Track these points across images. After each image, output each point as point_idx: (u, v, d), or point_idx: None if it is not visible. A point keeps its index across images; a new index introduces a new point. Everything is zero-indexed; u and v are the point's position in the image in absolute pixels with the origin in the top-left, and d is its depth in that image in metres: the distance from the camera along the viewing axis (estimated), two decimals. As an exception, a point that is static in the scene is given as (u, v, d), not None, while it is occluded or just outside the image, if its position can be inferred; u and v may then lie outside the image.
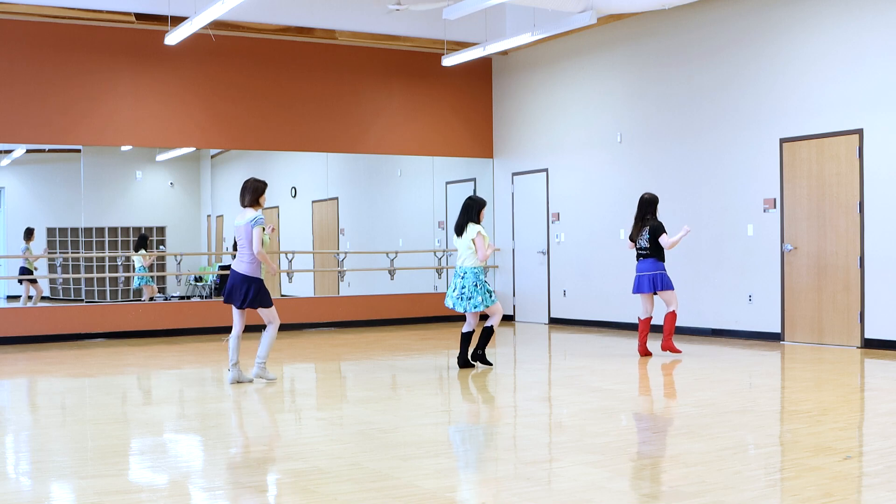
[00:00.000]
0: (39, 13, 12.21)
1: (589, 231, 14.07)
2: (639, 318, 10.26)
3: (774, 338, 11.40)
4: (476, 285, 9.03)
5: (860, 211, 10.50)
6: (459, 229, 9.12)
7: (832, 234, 10.79)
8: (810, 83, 11.02)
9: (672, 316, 10.02)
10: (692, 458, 5.37)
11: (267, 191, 8.38)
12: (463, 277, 9.06)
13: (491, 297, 9.08)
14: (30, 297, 14.05)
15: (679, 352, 10.18)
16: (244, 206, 8.28)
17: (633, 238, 10.14)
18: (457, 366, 9.36)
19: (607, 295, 13.77)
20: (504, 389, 8.37)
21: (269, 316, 8.32)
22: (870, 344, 10.41)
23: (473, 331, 9.32)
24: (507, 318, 15.55)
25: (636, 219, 10.14)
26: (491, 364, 9.47)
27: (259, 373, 8.44)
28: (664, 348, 10.12)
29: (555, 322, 14.63)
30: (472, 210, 9.13)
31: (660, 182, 12.84)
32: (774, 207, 11.40)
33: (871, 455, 5.42)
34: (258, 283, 8.19)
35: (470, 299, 9.04)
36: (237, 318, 8.36)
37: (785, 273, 11.29)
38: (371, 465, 5.22)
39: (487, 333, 9.29)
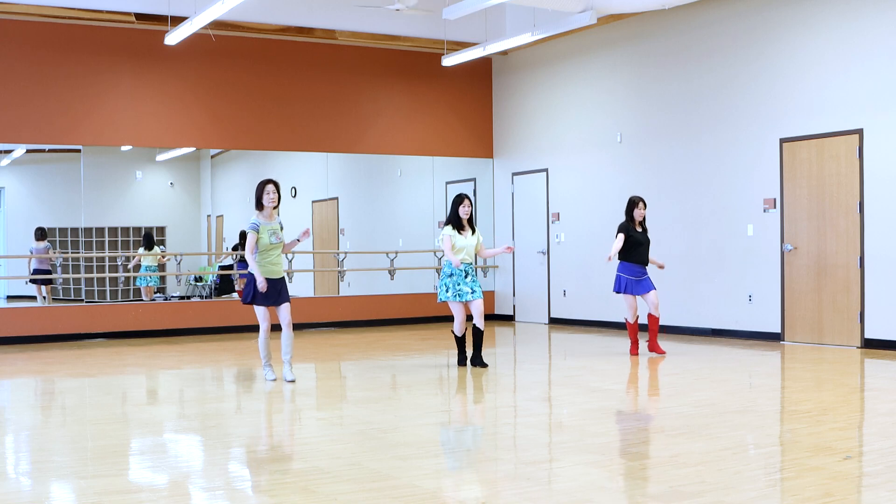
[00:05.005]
0: (39, 13, 12.21)
1: (589, 231, 14.06)
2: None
3: (774, 338, 11.40)
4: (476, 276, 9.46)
5: (860, 211, 10.50)
6: (472, 227, 9.45)
7: (832, 235, 10.79)
8: (810, 83, 11.02)
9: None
10: (692, 458, 5.36)
11: (271, 189, 8.45)
12: (469, 272, 9.28)
13: None
14: (43, 298, 14.02)
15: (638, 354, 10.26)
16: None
17: None
18: (458, 365, 9.47)
19: (607, 295, 13.74)
20: (504, 389, 8.36)
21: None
22: (870, 344, 10.41)
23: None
24: (507, 318, 15.55)
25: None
26: (486, 365, 9.43)
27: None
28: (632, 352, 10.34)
29: (555, 322, 14.63)
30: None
31: (660, 182, 12.85)
32: (774, 207, 11.40)
33: (871, 455, 5.42)
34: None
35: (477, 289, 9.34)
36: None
37: (785, 273, 11.29)
38: (371, 465, 5.22)
39: (480, 335, 9.33)
